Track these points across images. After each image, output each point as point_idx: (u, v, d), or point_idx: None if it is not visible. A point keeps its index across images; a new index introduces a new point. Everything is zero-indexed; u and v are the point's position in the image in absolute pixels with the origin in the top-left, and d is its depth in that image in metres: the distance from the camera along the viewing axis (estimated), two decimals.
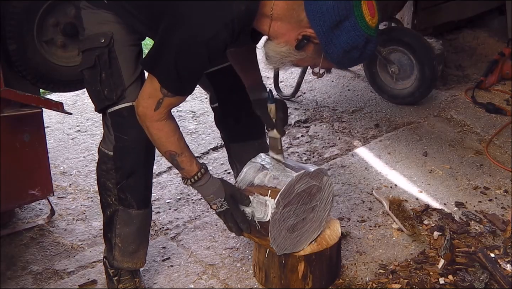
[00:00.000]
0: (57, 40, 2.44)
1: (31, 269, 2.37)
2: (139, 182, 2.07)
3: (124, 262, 2.16)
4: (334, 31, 1.69)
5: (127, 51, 1.99)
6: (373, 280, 2.28)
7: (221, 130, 2.51)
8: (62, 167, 3.08)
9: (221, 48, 1.80)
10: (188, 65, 1.80)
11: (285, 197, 2.01)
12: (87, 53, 1.99)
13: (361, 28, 1.70)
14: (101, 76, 1.97)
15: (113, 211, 2.09)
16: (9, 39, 2.29)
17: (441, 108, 3.72)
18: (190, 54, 1.77)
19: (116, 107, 1.98)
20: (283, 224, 2.05)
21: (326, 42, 1.71)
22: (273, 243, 2.05)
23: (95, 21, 1.99)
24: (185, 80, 1.84)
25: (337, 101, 3.87)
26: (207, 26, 1.74)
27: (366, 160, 3.16)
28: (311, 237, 2.18)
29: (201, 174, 1.97)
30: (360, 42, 1.71)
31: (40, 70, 2.39)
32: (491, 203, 2.79)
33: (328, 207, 2.21)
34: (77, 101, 3.79)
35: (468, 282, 2.21)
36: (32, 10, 2.33)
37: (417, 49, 3.59)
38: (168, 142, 1.92)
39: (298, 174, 2.02)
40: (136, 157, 2.03)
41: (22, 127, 2.33)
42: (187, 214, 2.72)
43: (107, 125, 2.04)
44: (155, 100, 1.84)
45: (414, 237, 2.53)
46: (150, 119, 1.88)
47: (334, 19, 1.68)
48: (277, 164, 2.10)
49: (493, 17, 4.83)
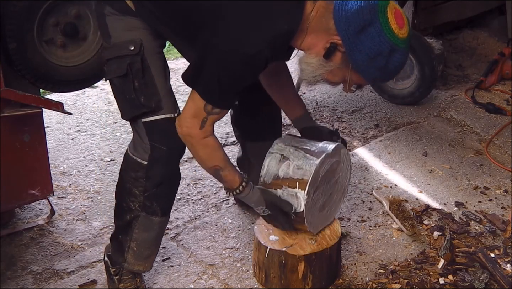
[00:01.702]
0: (57, 40, 2.43)
1: (31, 269, 2.37)
2: (167, 192, 2.08)
3: (136, 265, 2.15)
4: (359, 36, 1.72)
5: (156, 60, 1.98)
6: (373, 280, 2.28)
7: (237, 128, 2.53)
8: (62, 167, 3.08)
9: (262, 65, 1.82)
10: (231, 78, 1.81)
11: (313, 185, 2.08)
12: (115, 61, 1.94)
13: (385, 35, 1.71)
14: (134, 85, 1.94)
15: (134, 216, 2.07)
16: (9, 38, 2.29)
17: (441, 108, 3.72)
18: (235, 68, 1.79)
19: (154, 117, 1.95)
20: (315, 207, 2.14)
21: (351, 48, 1.74)
22: (310, 227, 2.15)
23: (123, 27, 1.95)
24: (227, 93, 1.85)
25: (337, 101, 3.87)
26: (252, 42, 1.76)
27: (366, 160, 3.16)
28: (338, 206, 2.31)
29: (243, 187, 2.02)
30: (385, 49, 1.73)
31: (39, 69, 2.39)
32: (491, 203, 2.79)
33: (348, 174, 2.29)
34: (77, 101, 3.79)
35: (468, 282, 2.21)
36: (32, 9, 2.33)
37: (417, 49, 3.59)
38: (214, 158, 1.95)
39: (320, 159, 2.06)
40: (171, 168, 2.04)
41: (22, 127, 2.33)
42: (187, 214, 2.72)
43: (139, 134, 2.01)
44: (200, 119, 1.86)
45: (414, 237, 2.53)
46: (196, 138, 1.90)
47: (358, 24, 1.71)
48: (295, 150, 2.12)
49: (493, 17, 4.83)
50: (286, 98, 2.30)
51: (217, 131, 3.43)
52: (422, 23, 4.25)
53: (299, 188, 2.06)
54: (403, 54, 1.78)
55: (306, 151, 2.11)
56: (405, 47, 1.77)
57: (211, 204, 2.79)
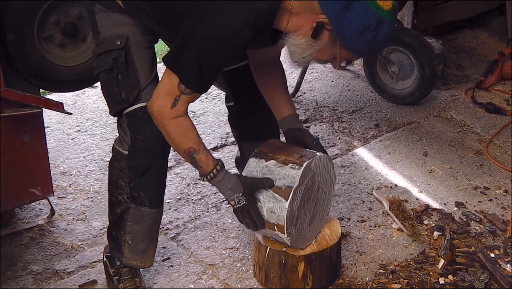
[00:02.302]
0: (56, 38, 2.43)
1: (31, 269, 2.37)
2: (152, 181, 2.07)
3: (133, 259, 2.16)
4: (345, 12, 1.71)
5: (143, 54, 1.99)
6: (373, 280, 2.28)
7: (235, 128, 2.53)
8: (62, 167, 3.08)
9: (242, 46, 1.81)
10: (210, 63, 1.81)
11: (292, 222, 2.05)
12: (104, 56, 1.98)
13: (371, 9, 1.71)
14: (117, 78, 1.97)
15: (124, 208, 2.08)
16: (8, 29, 2.28)
17: (441, 108, 3.72)
18: (213, 52, 1.78)
19: (132, 108, 1.98)
20: (303, 229, 2.12)
21: (338, 25, 1.73)
22: (306, 244, 2.17)
23: (111, 24, 1.98)
24: (206, 77, 1.85)
25: (337, 101, 3.87)
26: (230, 24, 1.75)
27: (366, 160, 3.16)
28: (329, 203, 2.25)
29: (217, 170, 1.98)
30: (372, 23, 1.72)
31: (35, 66, 2.39)
32: (491, 203, 2.79)
33: (330, 168, 2.19)
34: (77, 101, 3.79)
35: (468, 282, 2.21)
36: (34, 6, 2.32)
37: (417, 49, 3.59)
38: (187, 139, 1.93)
39: (289, 201, 2.00)
40: (151, 156, 2.03)
41: (22, 127, 2.33)
42: (187, 214, 2.72)
43: (123, 127, 2.03)
44: (172, 97, 1.85)
45: (414, 237, 2.53)
46: (167, 117, 1.88)
47: (343, 0, 1.70)
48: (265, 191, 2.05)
49: (493, 17, 4.83)
50: (275, 97, 2.27)
51: (217, 131, 3.44)
52: (422, 23, 4.25)
53: (278, 231, 2.05)
54: (390, 25, 1.77)
55: (274, 189, 2.03)
56: (392, 18, 1.76)
57: (211, 204, 2.79)
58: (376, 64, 3.76)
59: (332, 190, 2.26)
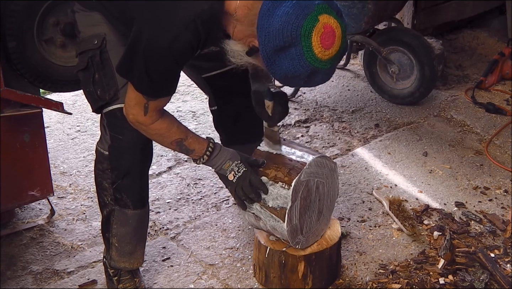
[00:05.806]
0: (56, 39, 2.43)
1: (31, 269, 2.37)
2: (134, 182, 2.07)
3: (121, 262, 2.16)
4: (278, 54, 1.64)
5: (120, 52, 1.96)
6: (373, 280, 2.28)
7: (220, 133, 2.52)
8: (62, 167, 3.08)
9: (186, 50, 1.77)
10: (156, 70, 1.79)
11: (296, 234, 2.09)
12: (82, 55, 2.01)
13: (306, 59, 1.63)
14: (94, 77, 1.99)
15: (110, 210, 2.09)
16: (8, 36, 2.28)
17: (441, 108, 3.72)
18: (156, 59, 1.77)
19: (110, 107, 1.99)
20: (311, 227, 2.15)
21: (269, 62, 1.67)
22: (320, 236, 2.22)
23: (88, 23, 2.01)
24: (158, 84, 1.83)
25: (337, 101, 3.87)
26: (167, 29, 1.72)
27: (366, 160, 3.16)
28: (335, 194, 2.25)
29: (212, 144, 1.99)
30: (303, 72, 1.65)
31: (38, 69, 2.39)
32: (491, 203, 2.79)
33: (330, 164, 2.17)
34: (77, 101, 3.79)
35: (468, 282, 2.21)
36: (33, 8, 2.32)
37: (417, 49, 3.59)
38: (170, 134, 1.93)
39: (286, 222, 2.02)
40: (132, 157, 2.03)
41: (22, 127, 2.33)
42: (187, 214, 2.72)
43: (103, 126, 2.05)
44: (141, 105, 1.86)
45: (414, 237, 2.53)
46: (144, 124, 1.89)
47: (277, 44, 1.63)
48: (261, 208, 2.06)
49: (493, 17, 4.83)
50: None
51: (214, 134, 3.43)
52: (422, 23, 4.26)
53: (285, 242, 2.14)
54: (326, 74, 1.71)
55: (270, 209, 2.04)
56: (330, 67, 1.69)
57: (211, 204, 2.79)
58: (376, 64, 3.76)
59: (335, 175, 2.21)
